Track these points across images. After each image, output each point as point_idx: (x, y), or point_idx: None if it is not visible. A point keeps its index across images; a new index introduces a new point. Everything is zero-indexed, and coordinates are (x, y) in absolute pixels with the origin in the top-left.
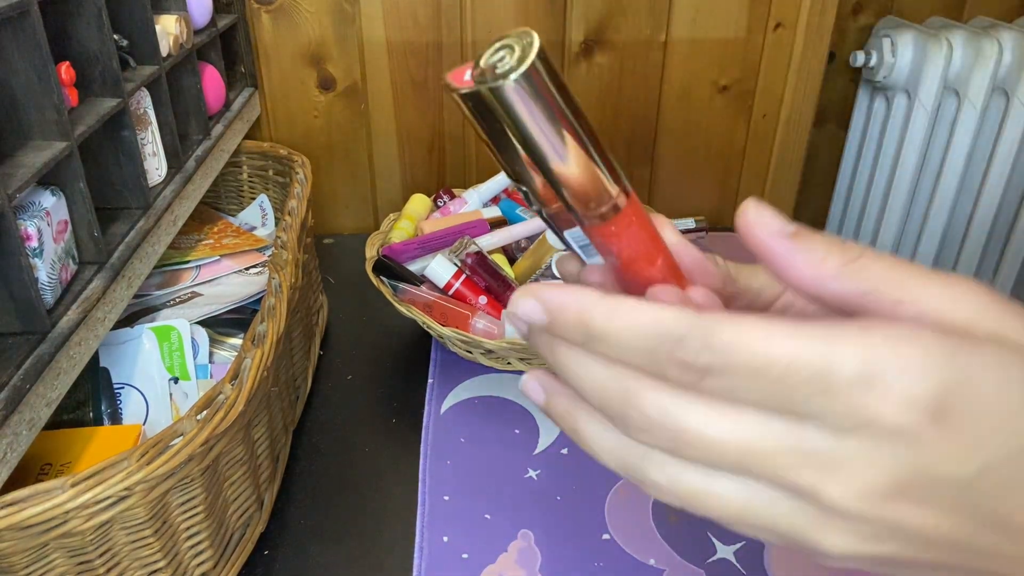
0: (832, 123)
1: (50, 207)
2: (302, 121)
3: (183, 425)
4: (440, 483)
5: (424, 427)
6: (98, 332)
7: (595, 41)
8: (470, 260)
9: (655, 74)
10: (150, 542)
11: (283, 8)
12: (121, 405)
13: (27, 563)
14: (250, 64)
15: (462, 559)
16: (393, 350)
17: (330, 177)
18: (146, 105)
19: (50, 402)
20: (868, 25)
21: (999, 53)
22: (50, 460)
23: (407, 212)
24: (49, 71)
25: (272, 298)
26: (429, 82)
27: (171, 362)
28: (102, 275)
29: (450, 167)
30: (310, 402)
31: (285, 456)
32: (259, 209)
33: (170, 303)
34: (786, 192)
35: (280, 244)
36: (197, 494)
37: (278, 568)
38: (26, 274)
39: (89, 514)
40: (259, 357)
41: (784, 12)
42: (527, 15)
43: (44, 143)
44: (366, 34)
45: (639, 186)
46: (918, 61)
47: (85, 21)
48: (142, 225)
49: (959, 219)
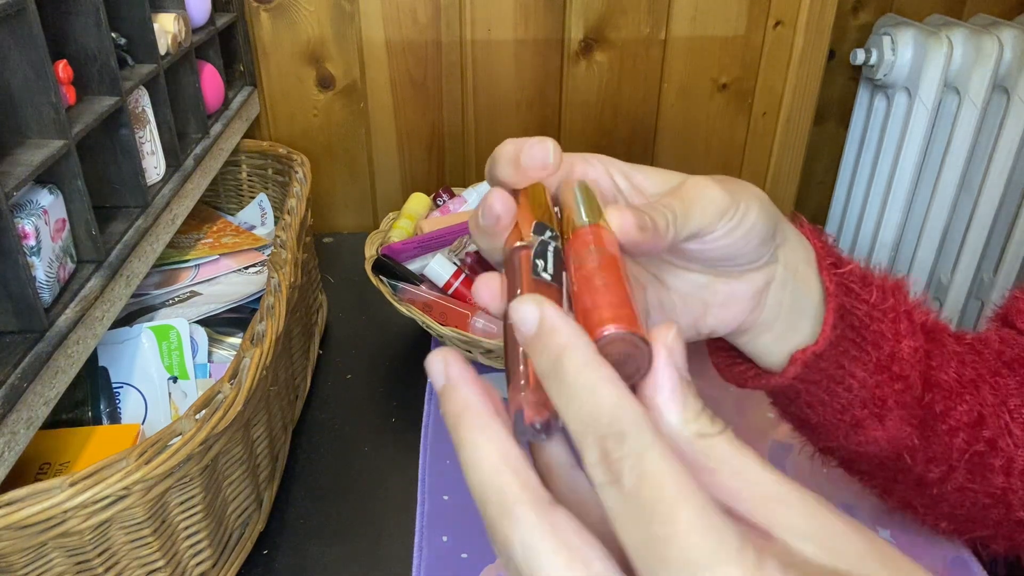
0: (832, 121)
1: (48, 205)
2: (301, 120)
3: (182, 424)
4: (440, 483)
5: (424, 427)
6: (96, 331)
7: (594, 39)
8: (469, 259)
9: (655, 72)
10: (149, 541)
11: (282, 6)
12: (120, 404)
13: (25, 563)
14: (249, 63)
15: (462, 559)
16: (393, 349)
17: (329, 176)
18: (144, 103)
19: (48, 401)
20: (868, 23)
21: (999, 51)
22: (48, 459)
23: (406, 211)
24: (47, 69)
25: (271, 297)
26: (428, 81)
27: (170, 361)
28: (100, 274)
29: (449, 166)
30: (309, 401)
31: (284, 455)
32: (258, 208)
33: (169, 302)
34: (786, 190)
35: (279, 243)
36: (196, 493)
37: (277, 567)
38: (23, 272)
39: (88, 513)
40: (258, 356)
41: (784, 10)
42: (527, 13)
43: (42, 141)
44: (365, 33)
45: None
46: (918, 59)
47: (83, 19)
48: (140, 224)
49: (959, 218)
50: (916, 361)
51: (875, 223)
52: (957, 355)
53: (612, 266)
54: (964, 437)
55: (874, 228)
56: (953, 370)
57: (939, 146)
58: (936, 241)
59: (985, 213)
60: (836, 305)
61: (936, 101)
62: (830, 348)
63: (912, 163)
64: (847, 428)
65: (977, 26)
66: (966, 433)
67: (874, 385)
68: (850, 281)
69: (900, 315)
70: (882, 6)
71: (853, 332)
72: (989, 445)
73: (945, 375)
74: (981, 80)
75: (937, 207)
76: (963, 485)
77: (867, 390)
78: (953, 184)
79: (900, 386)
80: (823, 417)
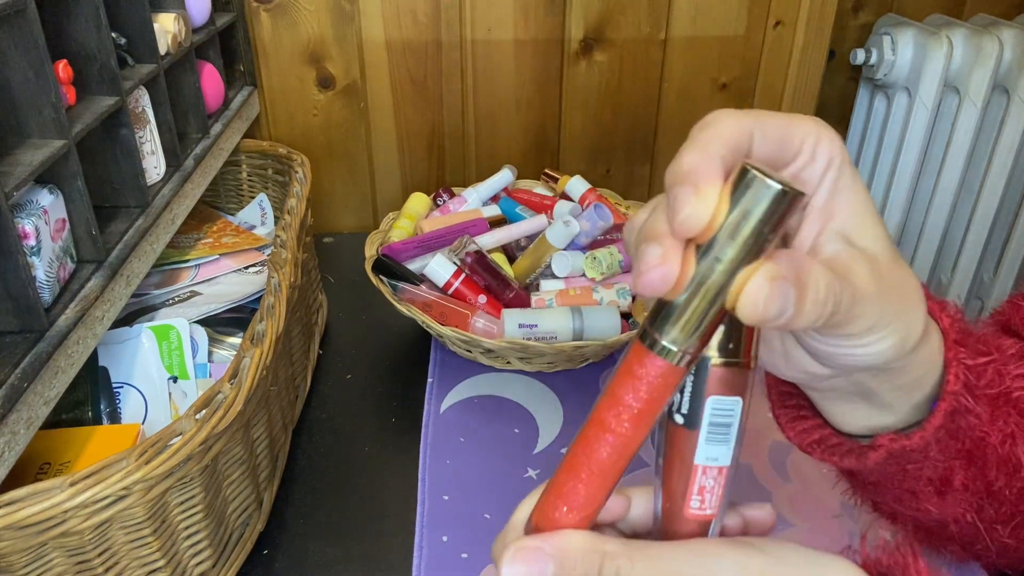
0: (832, 121)
1: (48, 205)
2: (301, 120)
3: (182, 424)
4: (440, 483)
5: (424, 426)
6: (96, 331)
7: (595, 39)
8: (470, 259)
9: (655, 72)
10: (149, 541)
11: (282, 6)
12: (120, 404)
13: (26, 562)
14: (249, 63)
15: (462, 559)
16: (393, 349)
17: (329, 176)
18: (144, 103)
19: (48, 401)
20: (868, 23)
21: (999, 51)
22: (49, 459)
23: (406, 211)
24: (47, 69)
25: (271, 297)
26: (428, 81)
27: (170, 361)
28: (100, 274)
29: (449, 166)
30: (309, 401)
31: (284, 455)
32: (258, 208)
33: (169, 302)
34: None
35: (279, 243)
36: (196, 493)
37: (277, 567)
38: (24, 272)
39: (88, 513)
40: (258, 356)
41: (784, 10)
42: (527, 13)
43: (42, 141)
44: (365, 33)
45: (639, 185)
46: (918, 59)
47: (83, 19)
48: (140, 224)
49: (959, 218)
50: (1003, 448)
51: None
52: (989, 399)
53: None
54: (1004, 481)
55: None
56: (995, 427)
57: (939, 146)
58: (936, 241)
59: (985, 213)
60: (950, 408)
61: (936, 101)
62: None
63: (912, 163)
64: (902, 493)
65: (977, 26)
66: (1005, 479)
67: (945, 467)
68: (973, 373)
69: (999, 396)
70: (882, 6)
71: (954, 430)
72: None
73: (992, 438)
74: (981, 80)
75: (937, 207)
76: (1002, 541)
77: (937, 470)
78: (953, 184)
79: (973, 472)
80: (878, 479)
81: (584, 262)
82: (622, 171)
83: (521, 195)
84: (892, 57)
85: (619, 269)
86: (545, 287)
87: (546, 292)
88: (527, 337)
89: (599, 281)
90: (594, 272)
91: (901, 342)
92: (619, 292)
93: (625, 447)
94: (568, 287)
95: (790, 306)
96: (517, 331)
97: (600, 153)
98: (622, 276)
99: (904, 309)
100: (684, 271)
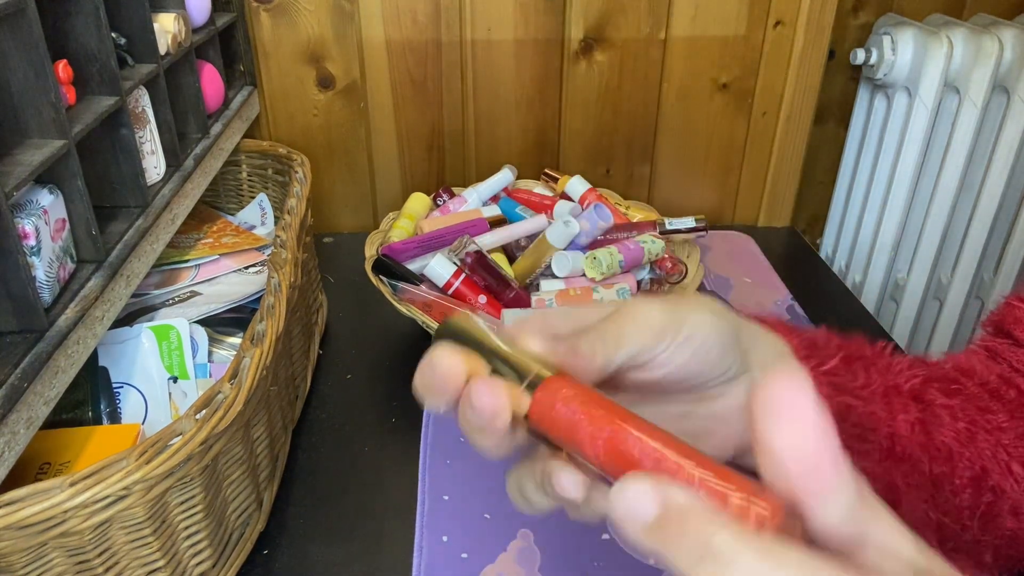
0: (832, 121)
1: (48, 205)
2: (301, 120)
3: (182, 424)
4: (440, 483)
5: (424, 427)
6: (96, 331)
7: (594, 39)
8: (470, 259)
9: (655, 72)
10: (149, 541)
11: (282, 6)
12: (120, 404)
13: (26, 562)
14: (249, 63)
15: (462, 559)
16: (393, 349)
17: (329, 176)
18: (144, 103)
19: (48, 401)
20: (868, 22)
21: (999, 50)
22: (49, 459)
23: (406, 211)
24: (47, 69)
25: (271, 297)
26: (428, 81)
27: (170, 361)
28: (100, 274)
29: (449, 166)
30: (309, 401)
31: (284, 455)
32: (258, 208)
33: (169, 302)
34: (786, 190)
35: (279, 243)
36: (196, 493)
37: (277, 568)
38: (23, 272)
39: (88, 513)
40: (258, 356)
41: (784, 9)
42: (527, 13)
43: (42, 141)
44: (365, 32)
45: (639, 185)
46: (918, 59)
47: (83, 19)
48: (140, 224)
49: (959, 218)
50: (914, 435)
51: (875, 223)
52: (948, 409)
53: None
54: (970, 493)
55: (874, 228)
56: (948, 428)
57: (939, 146)
58: (936, 241)
59: (985, 213)
60: (833, 409)
61: (936, 101)
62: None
63: (912, 163)
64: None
65: (977, 26)
66: (971, 489)
67: (883, 473)
68: (836, 376)
69: (889, 390)
70: (882, 6)
71: (852, 426)
72: (995, 493)
73: (942, 437)
74: (981, 80)
75: (937, 207)
76: (977, 538)
77: (879, 481)
78: (953, 184)
79: (906, 467)
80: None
81: (584, 262)
82: (622, 171)
83: (521, 195)
84: (892, 57)
85: (619, 269)
86: (545, 287)
87: (546, 292)
88: None
89: (599, 281)
90: (594, 272)
91: (712, 319)
92: (619, 292)
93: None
94: (568, 287)
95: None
96: None
97: (600, 153)
98: (622, 276)
99: (686, 303)
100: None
